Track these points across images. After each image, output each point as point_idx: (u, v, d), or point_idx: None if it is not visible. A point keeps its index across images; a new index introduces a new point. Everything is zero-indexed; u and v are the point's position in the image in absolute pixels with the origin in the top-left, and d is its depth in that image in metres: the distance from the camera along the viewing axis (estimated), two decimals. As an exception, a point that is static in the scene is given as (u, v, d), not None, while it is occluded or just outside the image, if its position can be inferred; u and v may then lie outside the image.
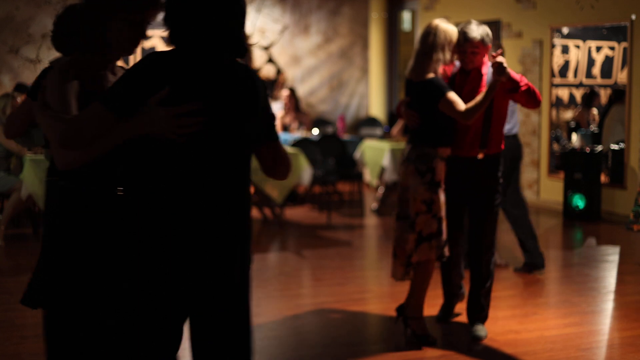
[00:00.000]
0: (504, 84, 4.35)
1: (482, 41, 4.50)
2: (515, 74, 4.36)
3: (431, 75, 4.50)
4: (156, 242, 2.48)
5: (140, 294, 2.53)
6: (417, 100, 4.58)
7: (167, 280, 2.50)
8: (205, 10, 2.46)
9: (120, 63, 2.91)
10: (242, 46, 2.54)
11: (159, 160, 2.48)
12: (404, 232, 4.59)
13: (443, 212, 4.56)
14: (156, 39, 10.69)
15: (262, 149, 2.66)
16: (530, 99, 4.45)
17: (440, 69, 4.56)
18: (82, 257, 2.69)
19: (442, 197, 4.56)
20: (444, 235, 4.57)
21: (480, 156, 4.61)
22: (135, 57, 9.33)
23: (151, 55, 2.45)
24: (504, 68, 4.22)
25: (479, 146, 4.59)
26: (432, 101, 4.48)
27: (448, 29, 4.49)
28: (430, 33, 4.49)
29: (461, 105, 4.42)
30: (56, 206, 2.74)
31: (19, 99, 7.26)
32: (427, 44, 4.50)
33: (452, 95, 4.44)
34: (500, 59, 4.22)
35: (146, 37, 2.70)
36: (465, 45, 4.50)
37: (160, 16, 2.59)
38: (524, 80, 4.40)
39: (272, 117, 2.66)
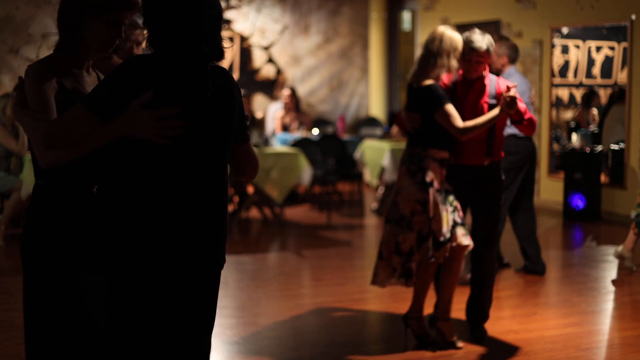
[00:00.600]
0: (510, 115, 4.48)
1: (487, 51, 4.54)
2: (521, 106, 4.45)
3: (431, 81, 4.52)
4: (139, 240, 2.53)
5: (126, 295, 2.57)
6: (416, 104, 4.60)
7: (153, 279, 2.55)
8: (182, 14, 2.52)
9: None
10: (219, 50, 2.61)
11: (142, 160, 2.53)
12: (396, 234, 4.59)
13: (433, 213, 4.54)
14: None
15: (234, 149, 2.71)
16: (528, 129, 4.65)
17: (444, 76, 4.59)
18: (58, 255, 2.68)
19: (435, 196, 4.54)
20: (442, 235, 4.56)
21: (485, 163, 4.65)
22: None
23: (133, 59, 2.53)
24: (515, 103, 4.35)
25: (485, 154, 4.63)
26: (429, 109, 4.52)
27: (454, 36, 4.52)
28: (436, 39, 4.51)
29: (459, 120, 4.47)
30: (34, 207, 2.73)
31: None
32: (431, 49, 4.52)
33: (451, 108, 4.47)
34: (513, 92, 4.34)
35: (121, 37, 2.74)
36: (470, 55, 4.53)
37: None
38: (527, 114, 4.52)
39: (245, 118, 2.72)
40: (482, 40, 4.52)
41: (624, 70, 8.96)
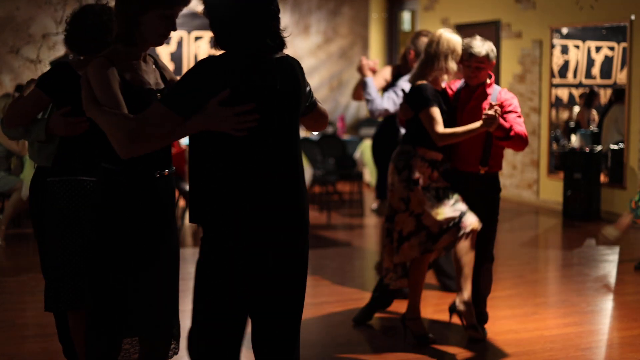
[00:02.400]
0: (492, 132, 4.45)
1: (487, 56, 4.54)
2: (504, 123, 4.41)
3: (423, 82, 4.55)
4: (221, 228, 2.71)
5: (202, 281, 2.76)
6: (409, 103, 4.64)
7: (232, 268, 2.72)
8: (246, 13, 2.70)
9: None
10: (282, 41, 2.81)
11: (221, 149, 2.71)
12: (390, 233, 4.63)
13: (421, 209, 4.53)
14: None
15: (308, 115, 2.97)
16: (516, 145, 4.52)
17: (449, 81, 4.62)
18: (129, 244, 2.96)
19: (419, 194, 4.53)
20: (435, 229, 4.52)
21: (481, 172, 4.66)
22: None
23: (207, 60, 2.68)
24: (494, 122, 4.32)
25: (480, 163, 4.63)
26: (415, 108, 4.56)
27: (452, 38, 4.55)
28: (433, 42, 4.55)
29: (439, 126, 4.48)
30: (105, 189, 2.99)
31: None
32: (429, 52, 4.56)
33: (435, 112, 4.49)
34: (491, 112, 4.31)
35: (175, 30, 2.92)
36: (470, 60, 4.54)
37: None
38: (514, 130, 4.43)
39: (310, 90, 2.93)
40: (481, 46, 4.53)
41: (624, 70, 8.97)
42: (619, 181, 8.95)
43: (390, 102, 5.52)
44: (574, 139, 9.59)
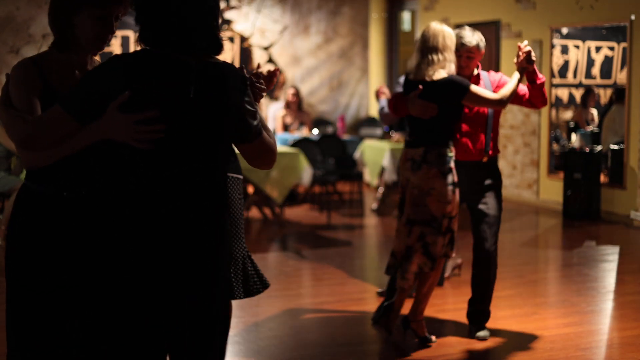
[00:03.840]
0: (528, 72, 4.55)
1: (477, 46, 4.66)
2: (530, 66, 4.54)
3: (445, 74, 4.51)
4: (127, 249, 2.40)
5: (112, 305, 2.46)
6: (433, 98, 4.52)
7: (141, 291, 2.42)
8: (178, 5, 2.36)
9: None
10: (216, 43, 2.43)
11: (126, 164, 2.40)
12: (426, 235, 4.54)
13: (455, 212, 4.59)
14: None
15: (243, 147, 2.53)
16: (540, 95, 4.64)
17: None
18: (39, 260, 2.58)
19: (457, 197, 4.59)
20: (455, 234, 4.64)
21: (484, 160, 4.70)
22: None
23: (113, 58, 2.37)
24: (532, 57, 4.45)
25: (484, 150, 4.68)
26: (455, 97, 4.51)
27: (452, 32, 4.58)
28: (438, 35, 4.52)
29: (491, 94, 4.53)
30: (17, 208, 2.64)
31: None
32: (436, 45, 4.51)
33: (477, 88, 4.53)
34: (528, 47, 4.46)
35: (113, 33, 2.63)
36: (461, 50, 4.64)
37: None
38: (542, 75, 4.60)
39: (249, 116, 2.47)
40: (472, 36, 4.64)
41: (624, 70, 8.96)
42: (619, 181, 8.95)
43: None
44: (574, 139, 9.58)
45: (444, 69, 4.51)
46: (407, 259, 4.58)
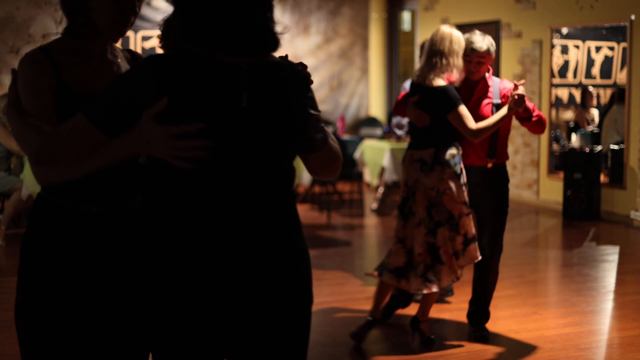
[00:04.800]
0: (519, 112, 4.49)
1: (487, 51, 4.59)
2: (529, 104, 4.48)
3: (443, 82, 4.50)
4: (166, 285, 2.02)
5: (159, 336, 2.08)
6: (427, 105, 4.54)
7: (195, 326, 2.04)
8: None
9: None
10: (272, 38, 2.00)
11: (167, 185, 2.01)
12: (447, 236, 4.52)
13: (469, 212, 4.60)
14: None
15: (308, 157, 2.16)
16: (538, 127, 4.61)
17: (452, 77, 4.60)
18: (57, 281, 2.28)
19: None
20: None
21: (489, 165, 4.68)
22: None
23: (148, 59, 1.97)
24: (524, 101, 4.37)
25: (488, 156, 4.66)
26: (442, 111, 4.50)
27: (461, 36, 4.55)
28: (445, 39, 4.50)
29: (472, 122, 4.48)
30: (34, 221, 2.31)
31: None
32: (442, 49, 4.49)
33: (464, 110, 4.48)
34: (521, 90, 4.36)
35: (136, 14, 2.27)
36: (472, 55, 4.57)
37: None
38: (535, 110, 4.54)
39: (313, 119, 2.11)
40: (482, 40, 4.57)
41: (624, 70, 8.96)
42: (619, 181, 8.95)
43: None
44: (574, 139, 9.58)
45: (444, 75, 4.49)
46: (437, 261, 4.53)
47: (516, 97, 4.36)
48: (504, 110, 4.46)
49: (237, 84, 1.96)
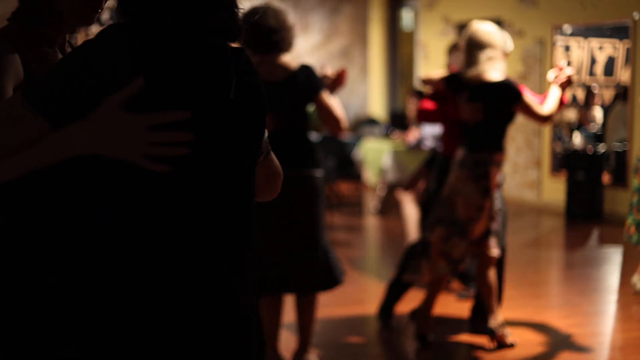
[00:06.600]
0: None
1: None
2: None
3: (502, 76, 4.43)
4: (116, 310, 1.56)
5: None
6: (488, 100, 4.41)
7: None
8: None
9: None
10: (235, 25, 1.63)
11: (120, 197, 1.53)
12: (448, 237, 4.44)
13: (493, 214, 4.49)
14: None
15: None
16: (561, 106, 4.61)
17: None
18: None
19: (492, 199, 4.45)
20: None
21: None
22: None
23: (111, 28, 1.54)
24: (572, 81, 4.46)
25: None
26: (507, 103, 4.40)
27: (497, 30, 4.50)
28: (493, 32, 4.42)
29: (540, 108, 4.42)
30: None
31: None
32: (492, 44, 4.40)
33: (530, 97, 4.43)
34: (570, 71, 4.42)
35: None
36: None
37: None
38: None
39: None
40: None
41: (627, 69, 8.90)
42: (622, 181, 8.89)
43: None
44: (577, 139, 9.52)
45: (497, 69, 4.40)
46: (427, 257, 4.51)
47: (566, 77, 4.39)
48: (556, 90, 4.45)
49: (226, 70, 1.60)
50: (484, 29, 4.45)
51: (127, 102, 1.48)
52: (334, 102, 3.95)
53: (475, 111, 4.40)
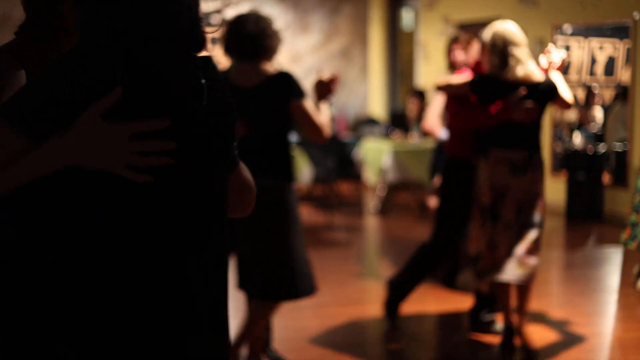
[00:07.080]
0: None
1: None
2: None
3: (543, 73, 4.44)
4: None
5: None
6: (540, 100, 4.38)
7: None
8: None
9: None
10: (201, 35, 1.64)
11: (96, 208, 1.52)
12: (521, 238, 4.42)
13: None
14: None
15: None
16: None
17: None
18: None
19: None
20: None
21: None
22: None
23: (88, 43, 1.56)
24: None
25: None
26: (550, 99, 4.42)
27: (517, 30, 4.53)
28: (516, 32, 4.41)
29: (569, 94, 4.46)
30: None
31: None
32: (520, 43, 4.40)
33: (562, 88, 4.46)
34: (562, 53, 4.48)
35: None
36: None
37: None
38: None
39: (232, 134, 1.77)
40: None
41: (627, 69, 8.90)
42: (623, 181, 8.88)
43: None
44: (576, 138, 9.51)
45: (532, 67, 4.39)
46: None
47: (558, 60, 4.45)
48: (559, 75, 4.46)
49: (196, 78, 1.59)
50: (513, 28, 4.42)
51: (105, 114, 1.48)
52: (315, 110, 3.70)
53: (532, 111, 4.32)
